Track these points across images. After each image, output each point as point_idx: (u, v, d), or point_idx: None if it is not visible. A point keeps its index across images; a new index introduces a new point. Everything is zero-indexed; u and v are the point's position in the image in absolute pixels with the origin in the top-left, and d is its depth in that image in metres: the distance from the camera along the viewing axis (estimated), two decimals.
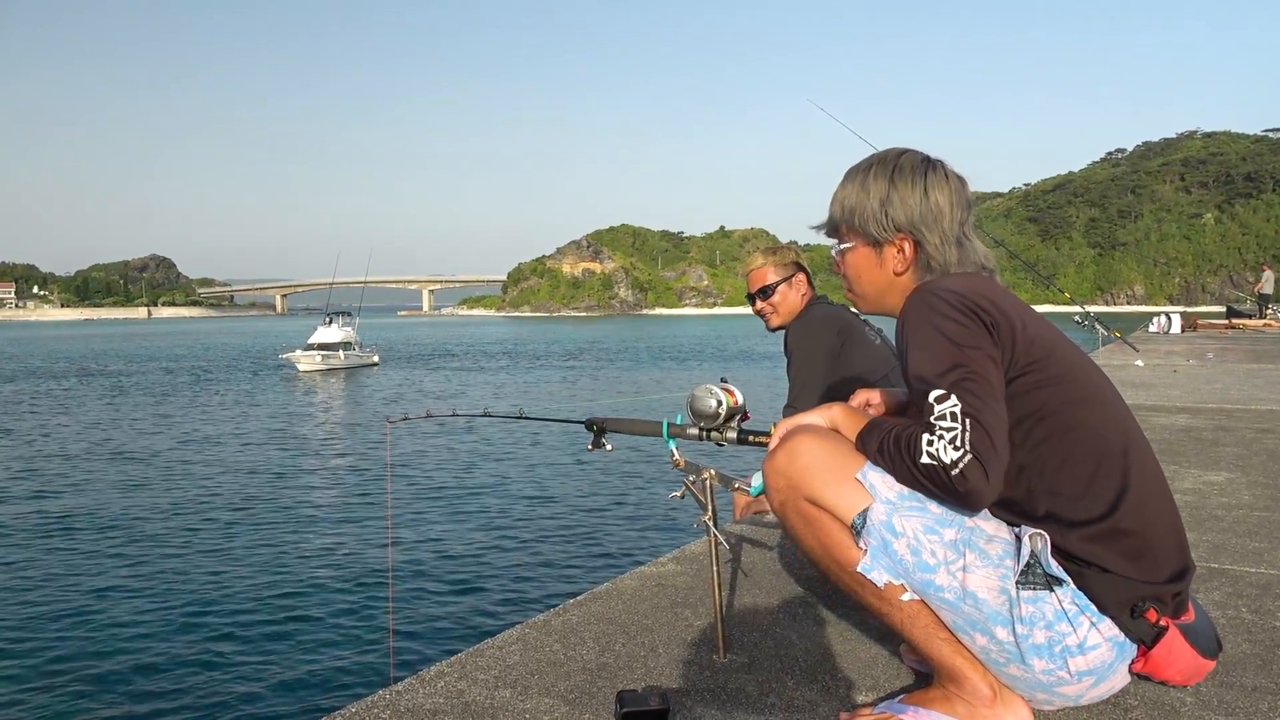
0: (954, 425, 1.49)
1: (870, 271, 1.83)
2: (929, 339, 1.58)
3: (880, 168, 1.78)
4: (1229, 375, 9.55)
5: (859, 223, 1.79)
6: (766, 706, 1.86)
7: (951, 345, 1.55)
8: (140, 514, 13.06)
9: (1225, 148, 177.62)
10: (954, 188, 1.76)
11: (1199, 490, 3.99)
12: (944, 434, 1.49)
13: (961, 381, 1.51)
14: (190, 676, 7.40)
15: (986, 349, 1.56)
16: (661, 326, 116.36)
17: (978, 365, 1.53)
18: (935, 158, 1.80)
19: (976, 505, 1.52)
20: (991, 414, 1.50)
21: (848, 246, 1.84)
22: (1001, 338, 1.58)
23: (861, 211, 1.78)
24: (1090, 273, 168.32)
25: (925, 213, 1.73)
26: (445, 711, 1.86)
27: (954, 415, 1.49)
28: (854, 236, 1.82)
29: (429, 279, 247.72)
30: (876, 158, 1.82)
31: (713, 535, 2.11)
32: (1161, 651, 1.58)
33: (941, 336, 1.56)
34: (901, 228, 1.75)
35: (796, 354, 3.30)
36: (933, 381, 1.53)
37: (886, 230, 1.76)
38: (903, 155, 1.79)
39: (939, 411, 1.51)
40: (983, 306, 1.59)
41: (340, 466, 17.07)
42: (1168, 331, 19.52)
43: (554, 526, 12.06)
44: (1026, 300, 1.75)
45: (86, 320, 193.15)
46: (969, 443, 1.47)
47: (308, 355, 41.60)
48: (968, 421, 1.48)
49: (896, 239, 1.76)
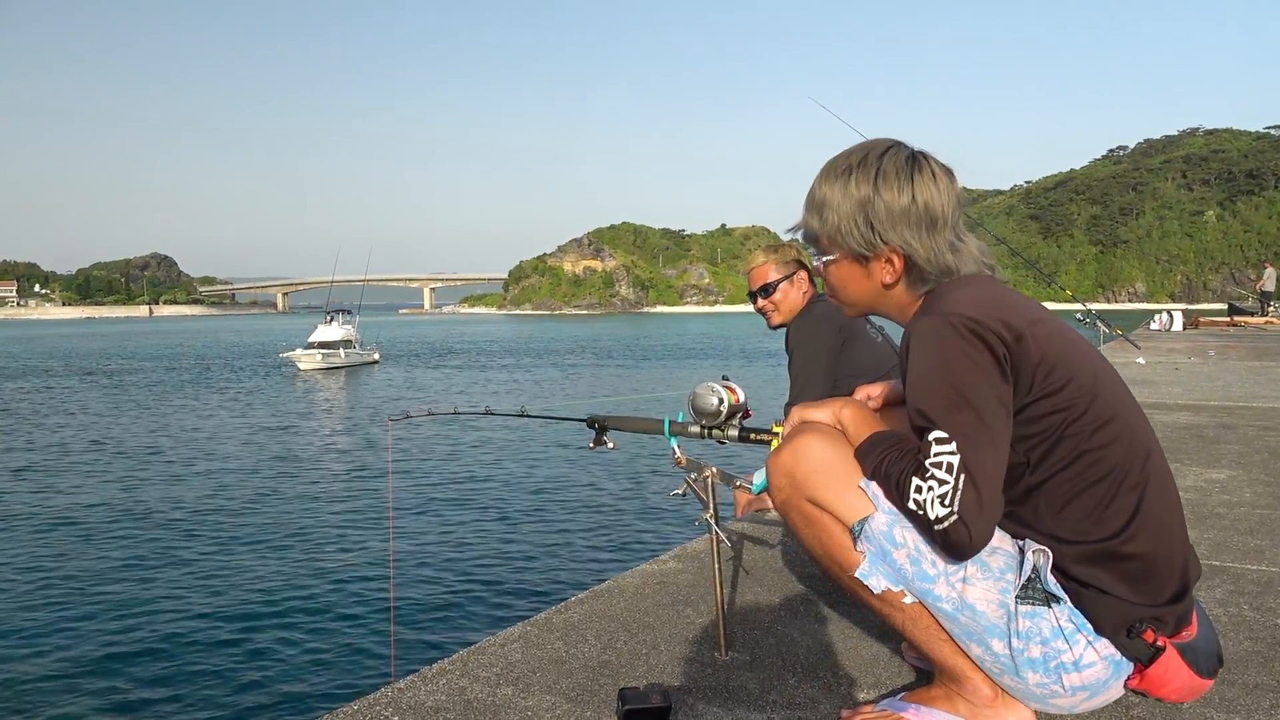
0: (947, 479, 1.46)
1: (857, 283, 1.72)
2: (935, 373, 1.51)
3: (862, 174, 1.64)
4: (1230, 373, 9.55)
5: (841, 239, 1.67)
6: (768, 704, 1.86)
7: (958, 382, 1.48)
8: (140, 513, 13.07)
9: (1227, 145, 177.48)
10: (943, 186, 1.63)
11: (1200, 488, 3.99)
12: (934, 485, 1.47)
13: (964, 427, 1.46)
14: (192, 673, 7.41)
15: (995, 386, 1.49)
16: (663, 324, 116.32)
17: (983, 406, 1.47)
18: (919, 151, 1.67)
19: (958, 559, 1.52)
20: (990, 466, 1.46)
21: (831, 259, 1.72)
22: (1016, 366, 1.51)
23: (843, 227, 1.66)
24: (1092, 270, 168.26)
25: (914, 221, 1.61)
26: (447, 709, 1.86)
27: (950, 467, 1.46)
28: (836, 249, 1.70)
29: (430, 277, 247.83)
30: (856, 159, 1.66)
31: (714, 533, 2.12)
32: (1158, 671, 1.56)
33: (948, 372, 1.49)
34: (889, 242, 1.63)
35: (798, 352, 3.30)
36: (935, 421, 1.49)
37: (873, 246, 1.65)
38: (885, 155, 1.65)
39: (935, 456, 1.47)
40: (995, 333, 1.50)
41: (342, 464, 17.08)
42: (1169, 329, 19.52)
43: (555, 524, 12.06)
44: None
45: (88, 319, 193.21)
46: (958, 503, 1.45)
47: (308, 354, 41.46)
48: (962, 479, 1.45)
49: (885, 252, 1.65)
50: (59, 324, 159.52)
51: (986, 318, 1.51)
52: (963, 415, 1.47)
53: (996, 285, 1.63)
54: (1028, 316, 1.55)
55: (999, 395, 1.49)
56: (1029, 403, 1.52)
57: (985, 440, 1.46)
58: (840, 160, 1.69)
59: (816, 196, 1.70)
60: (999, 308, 1.53)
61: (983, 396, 1.48)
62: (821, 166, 1.72)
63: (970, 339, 1.49)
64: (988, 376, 1.49)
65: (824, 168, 1.71)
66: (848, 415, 1.71)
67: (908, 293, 1.68)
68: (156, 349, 64.12)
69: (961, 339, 1.50)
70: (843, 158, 1.69)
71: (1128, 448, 1.54)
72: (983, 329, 1.49)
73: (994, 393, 1.49)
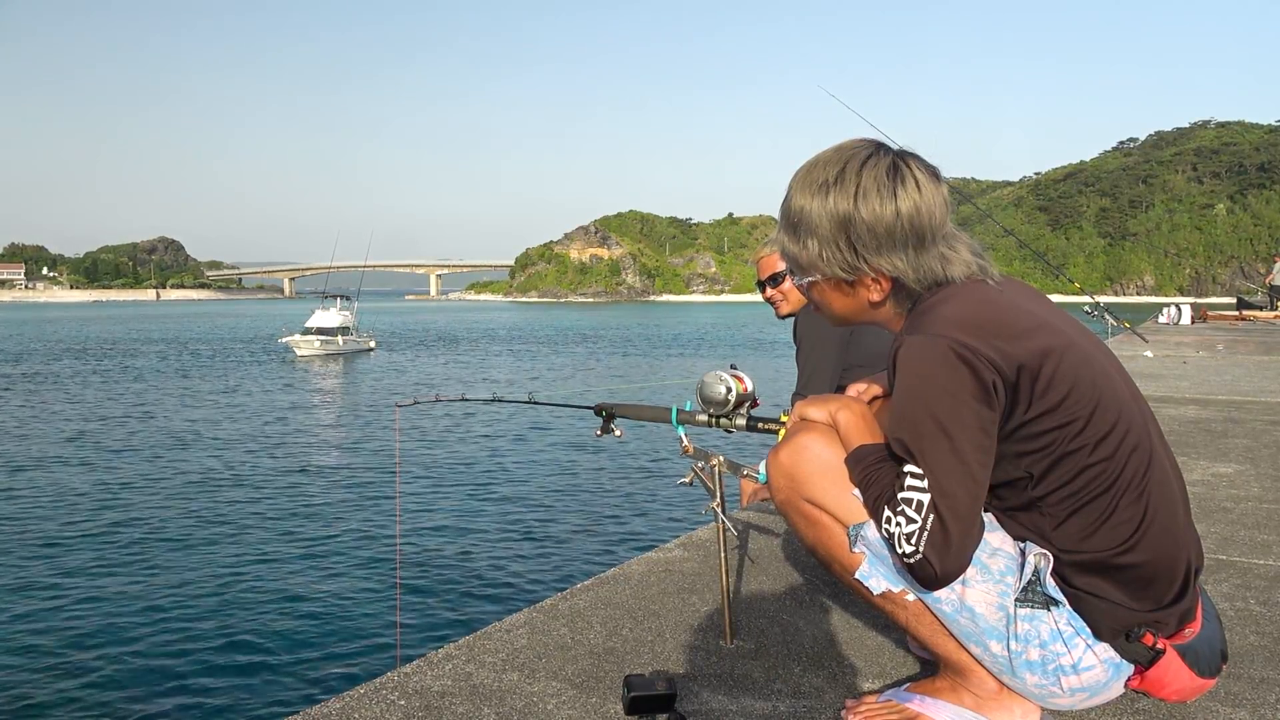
0: (915, 518, 1.44)
1: (841, 301, 1.65)
2: (916, 401, 1.46)
3: (840, 192, 1.52)
4: (1239, 367, 9.51)
5: (823, 265, 1.58)
6: (773, 692, 1.87)
7: (938, 411, 1.44)
8: (145, 501, 13.13)
9: (1238, 138, 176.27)
10: (928, 194, 1.52)
11: (1208, 482, 3.98)
12: (903, 522, 1.45)
13: (940, 464, 1.43)
14: (196, 658, 7.46)
15: (978, 413, 1.43)
16: (669, 313, 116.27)
17: (962, 436, 1.43)
18: (901, 154, 1.56)
19: (928, 590, 1.52)
20: (963, 503, 1.43)
21: (812, 280, 1.64)
22: (1008, 387, 1.45)
23: (824, 253, 1.57)
24: (1100, 263, 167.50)
25: (900, 241, 1.53)
26: (453, 693, 1.87)
27: (919, 506, 1.43)
28: (817, 272, 1.61)
29: (436, 263, 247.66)
30: (833, 173, 1.54)
31: (720, 521, 2.12)
32: (1157, 673, 1.56)
33: (929, 400, 1.44)
34: (875, 267, 1.55)
35: (806, 341, 3.29)
36: (912, 453, 1.46)
37: (856, 270, 1.57)
38: (864, 169, 1.53)
39: (907, 491, 1.45)
40: (985, 358, 1.43)
41: (348, 451, 17.13)
42: (1178, 322, 19.43)
43: (562, 511, 12.10)
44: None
45: (96, 301, 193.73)
46: (923, 544, 1.43)
47: (306, 340, 41.11)
48: (930, 519, 1.43)
49: (870, 274, 1.57)
50: (67, 307, 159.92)
51: (975, 340, 1.44)
52: (939, 448, 1.43)
53: (989, 294, 1.55)
54: (1021, 327, 1.48)
55: (981, 422, 1.44)
56: (1027, 420, 1.47)
57: (960, 476, 1.43)
58: (817, 172, 1.57)
59: (792, 213, 1.59)
60: (990, 326, 1.47)
61: (962, 425, 1.43)
62: (796, 173, 1.61)
63: (955, 364, 1.43)
64: (970, 403, 1.43)
65: (800, 177, 1.59)
66: (842, 419, 1.68)
67: (896, 307, 1.63)
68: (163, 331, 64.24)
69: (945, 364, 1.44)
70: (819, 169, 1.57)
71: (1130, 457, 1.51)
72: (969, 352, 1.43)
73: (976, 420, 1.44)
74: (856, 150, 1.56)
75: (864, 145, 1.57)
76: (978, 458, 1.45)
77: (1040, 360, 1.46)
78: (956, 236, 1.59)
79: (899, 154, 1.56)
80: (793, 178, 1.61)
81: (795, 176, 1.60)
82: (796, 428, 1.73)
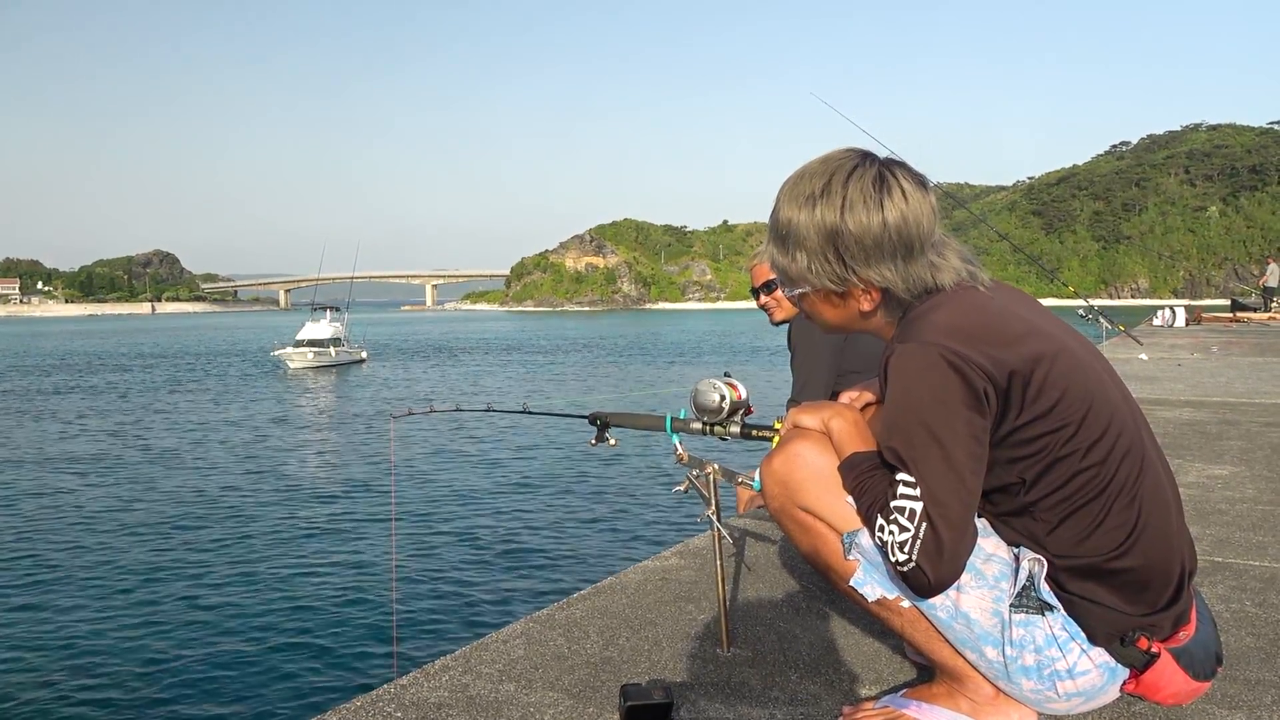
0: (908, 527, 1.44)
1: (832, 312, 1.65)
2: (908, 410, 1.46)
3: (827, 204, 1.52)
4: (1233, 369, 9.53)
5: (812, 278, 1.58)
6: (770, 700, 1.87)
7: (929, 419, 1.44)
8: (140, 511, 13.09)
9: (1230, 140, 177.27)
10: (915, 203, 1.51)
11: (1203, 484, 3.99)
12: (896, 530, 1.46)
13: (932, 472, 1.44)
14: (193, 670, 7.42)
15: (969, 420, 1.44)
16: (664, 321, 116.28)
17: (954, 444, 1.43)
18: (888, 163, 1.55)
19: (922, 597, 1.52)
20: (955, 511, 1.43)
21: (802, 292, 1.64)
22: (999, 394, 1.45)
23: (812, 266, 1.57)
24: (1094, 266, 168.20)
25: (889, 252, 1.52)
26: (449, 705, 1.86)
27: (912, 514, 1.44)
28: (806, 284, 1.61)
29: (432, 273, 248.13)
30: (819, 185, 1.53)
31: (716, 529, 2.12)
32: (1152, 676, 1.55)
33: (920, 408, 1.45)
34: (864, 279, 1.55)
35: (801, 347, 3.30)
36: (904, 461, 1.46)
37: (846, 282, 1.56)
38: (850, 180, 1.51)
39: (900, 500, 1.46)
40: (976, 365, 1.43)
41: (342, 462, 17.09)
42: (1172, 325, 19.51)
43: (557, 521, 12.07)
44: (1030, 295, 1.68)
45: (91, 316, 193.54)
46: (916, 552, 1.43)
47: (299, 352, 40.66)
48: (923, 527, 1.43)
49: (859, 285, 1.57)
50: (62, 321, 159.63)
51: (966, 347, 1.44)
52: (931, 456, 1.44)
53: (979, 301, 1.54)
54: (1012, 333, 1.48)
55: (973, 430, 1.44)
56: (1019, 426, 1.47)
57: (952, 483, 1.44)
58: (804, 184, 1.55)
59: (781, 225, 1.59)
60: (981, 332, 1.47)
61: (954, 433, 1.43)
62: (784, 184, 1.60)
63: (946, 371, 1.43)
64: (961, 411, 1.44)
65: (787, 189, 1.58)
66: (835, 426, 1.67)
67: (887, 316, 1.63)
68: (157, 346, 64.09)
69: (937, 371, 1.44)
70: (806, 181, 1.55)
71: (1122, 462, 1.51)
72: (960, 359, 1.43)
73: (968, 428, 1.44)
74: (843, 161, 1.55)
75: (850, 156, 1.55)
76: (970, 465, 1.45)
77: (1032, 366, 1.46)
78: (945, 243, 1.58)
79: (885, 163, 1.55)
80: (780, 189, 1.60)
81: (783, 188, 1.60)
82: (790, 435, 1.73)
